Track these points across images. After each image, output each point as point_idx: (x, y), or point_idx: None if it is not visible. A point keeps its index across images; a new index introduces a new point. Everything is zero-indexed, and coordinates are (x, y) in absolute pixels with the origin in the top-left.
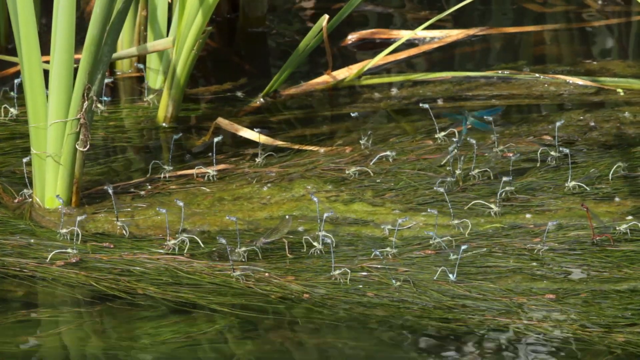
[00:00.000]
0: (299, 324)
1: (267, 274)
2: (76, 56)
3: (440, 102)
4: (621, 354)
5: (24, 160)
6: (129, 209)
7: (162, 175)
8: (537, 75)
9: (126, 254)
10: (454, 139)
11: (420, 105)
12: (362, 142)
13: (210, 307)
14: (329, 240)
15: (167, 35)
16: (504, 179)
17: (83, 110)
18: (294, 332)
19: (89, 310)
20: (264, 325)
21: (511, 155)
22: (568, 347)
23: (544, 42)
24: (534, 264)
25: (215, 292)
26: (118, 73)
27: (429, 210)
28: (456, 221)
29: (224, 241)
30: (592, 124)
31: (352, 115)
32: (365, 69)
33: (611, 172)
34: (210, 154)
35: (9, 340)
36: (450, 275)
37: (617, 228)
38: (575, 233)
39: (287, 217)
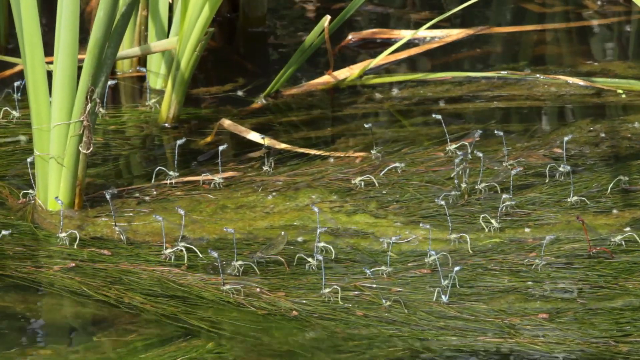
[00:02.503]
0: (277, 342)
1: (258, 289)
2: (79, 56)
3: (442, 103)
4: None
5: (28, 160)
6: (131, 214)
7: (168, 181)
8: (537, 75)
9: (115, 265)
10: (460, 152)
11: (434, 115)
12: (373, 152)
13: (186, 322)
14: (319, 258)
15: (168, 36)
16: (504, 195)
17: (86, 112)
18: (269, 351)
19: (66, 320)
20: (236, 342)
21: (513, 170)
22: None
23: (545, 42)
24: (529, 283)
25: (197, 307)
26: (118, 73)
27: (421, 224)
28: (454, 236)
29: (215, 254)
30: (603, 135)
31: (366, 126)
32: (367, 69)
33: (610, 186)
34: (216, 160)
35: None
36: (443, 297)
37: (613, 239)
38: (572, 246)
39: (283, 233)
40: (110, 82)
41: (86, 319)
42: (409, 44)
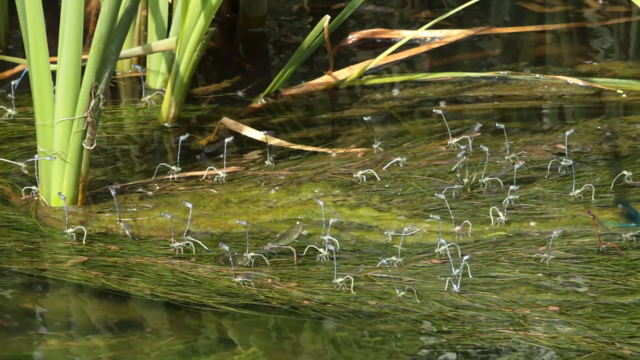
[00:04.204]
0: (290, 333)
1: (269, 280)
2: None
3: (442, 103)
4: None
5: (35, 157)
6: (135, 209)
7: (170, 176)
8: (537, 76)
9: (125, 259)
10: (462, 146)
11: (434, 110)
12: (375, 146)
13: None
14: (331, 248)
15: (168, 36)
16: (511, 187)
17: (90, 108)
18: (283, 340)
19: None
20: (251, 330)
21: (517, 164)
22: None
23: (545, 42)
24: (540, 274)
25: (210, 296)
26: (118, 73)
27: (431, 216)
28: (458, 228)
29: (226, 247)
30: (609, 134)
31: (365, 119)
32: (367, 69)
33: (614, 181)
34: (219, 155)
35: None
36: (454, 286)
37: (624, 235)
38: (580, 240)
39: (297, 223)
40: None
41: (104, 313)
42: (409, 44)
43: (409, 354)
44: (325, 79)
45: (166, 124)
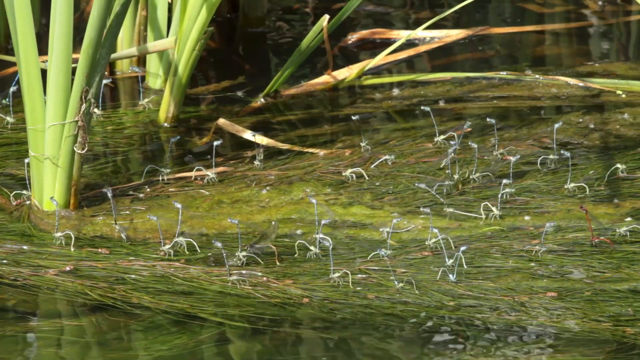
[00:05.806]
0: (299, 327)
1: (265, 279)
2: (75, 56)
3: (442, 103)
4: (625, 348)
5: (26, 160)
6: (127, 212)
7: (161, 178)
8: (537, 76)
9: (122, 261)
10: (452, 142)
11: (422, 108)
12: (362, 144)
13: (205, 316)
14: (326, 244)
15: (167, 36)
16: (504, 181)
17: (81, 112)
18: (296, 336)
19: (76, 320)
20: (262, 330)
21: (513, 158)
22: (572, 343)
23: (545, 42)
24: (533, 264)
25: (213, 299)
26: (118, 73)
27: (421, 209)
28: (453, 222)
29: (219, 245)
30: (592, 126)
31: (353, 118)
32: (366, 69)
33: (607, 174)
34: (210, 156)
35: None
36: (450, 276)
37: (617, 230)
38: (574, 235)
39: (273, 222)
40: (107, 81)
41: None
42: (409, 44)
43: (414, 345)
44: (324, 78)
45: (165, 124)
